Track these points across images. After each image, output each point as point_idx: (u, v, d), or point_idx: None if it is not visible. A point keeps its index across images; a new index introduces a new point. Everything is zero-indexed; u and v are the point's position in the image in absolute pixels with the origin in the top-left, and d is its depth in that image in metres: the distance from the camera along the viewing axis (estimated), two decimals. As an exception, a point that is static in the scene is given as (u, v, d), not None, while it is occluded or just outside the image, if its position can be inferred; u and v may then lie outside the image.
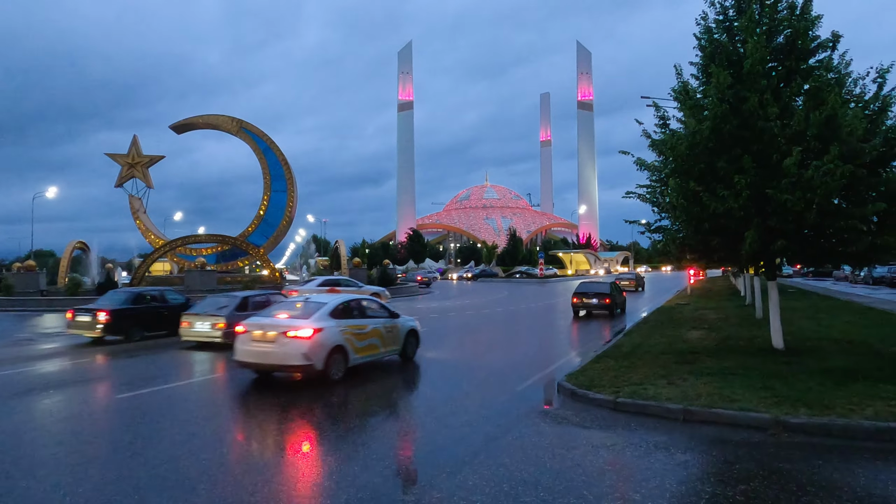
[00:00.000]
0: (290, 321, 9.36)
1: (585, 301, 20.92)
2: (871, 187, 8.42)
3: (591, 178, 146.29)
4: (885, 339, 11.73)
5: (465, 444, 6.06)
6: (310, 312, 9.60)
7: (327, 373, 9.09)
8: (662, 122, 10.31)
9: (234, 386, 9.47)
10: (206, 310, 13.94)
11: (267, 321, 9.57)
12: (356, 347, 9.84)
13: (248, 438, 6.59)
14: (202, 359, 12.04)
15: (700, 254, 11.15)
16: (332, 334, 9.37)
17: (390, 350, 10.92)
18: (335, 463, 5.53)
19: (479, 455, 5.64)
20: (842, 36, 8.99)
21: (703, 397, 7.03)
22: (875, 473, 4.97)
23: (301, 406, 7.85)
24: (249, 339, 9.28)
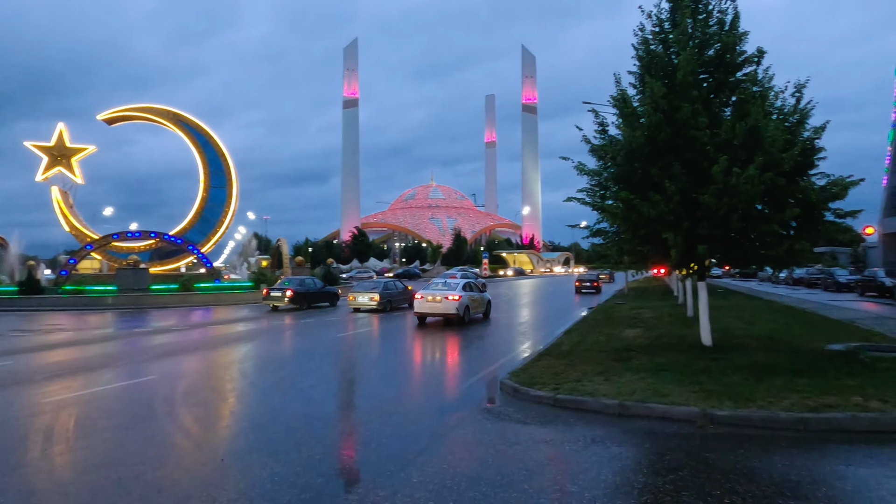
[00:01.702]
0: (446, 291, 18.41)
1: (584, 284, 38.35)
2: (789, 194, 9.01)
3: (534, 180, 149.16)
4: (801, 336, 12.57)
5: (410, 441, 6.11)
6: (454, 287, 18.86)
7: (464, 319, 18.14)
8: (602, 128, 10.68)
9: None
10: (363, 289, 24.07)
11: (432, 292, 18.58)
12: (472, 307, 18.94)
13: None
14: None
15: (636, 256, 11.63)
16: (464, 299, 18.31)
17: (480, 311, 19.94)
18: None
19: (422, 453, 5.70)
20: (766, 52, 9.58)
21: (637, 393, 7.35)
22: (791, 460, 5.35)
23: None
24: (423, 300, 18.40)
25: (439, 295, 18.18)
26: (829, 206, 9.36)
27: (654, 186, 9.26)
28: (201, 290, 29.99)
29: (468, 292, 18.90)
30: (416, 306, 18.67)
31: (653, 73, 9.82)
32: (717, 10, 9.88)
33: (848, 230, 40.48)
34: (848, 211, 9.72)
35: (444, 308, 17.97)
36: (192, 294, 29.09)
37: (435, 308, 18.22)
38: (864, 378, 7.67)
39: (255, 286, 31.42)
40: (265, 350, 13.67)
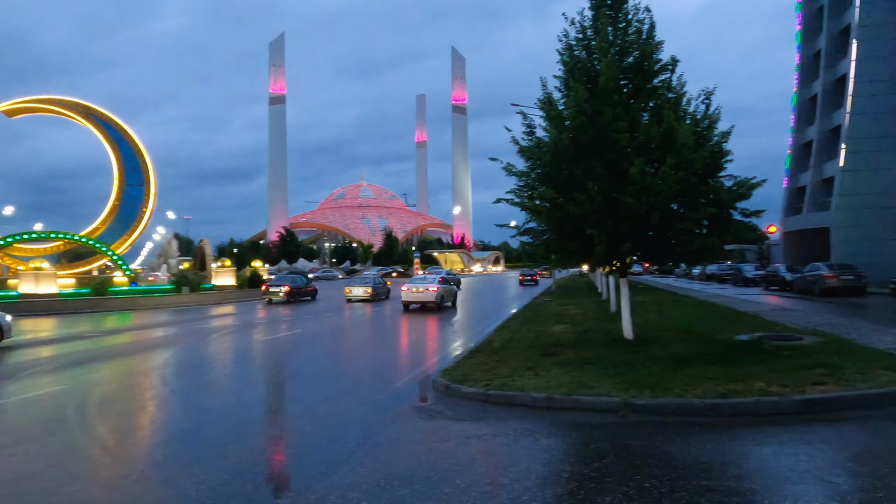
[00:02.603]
0: (427, 284, 23.67)
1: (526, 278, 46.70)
2: (701, 194, 9.61)
3: (464, 180, 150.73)
4: (713, 328, 13.40)
5: (343, 442, 6.05)
6: (433, 280, 24.32)
7: (440, 305, 23.12)
8: (529, 129, 10.97)
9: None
10: (358, 283, 30.19)
11: (415, 284, 24.06)
12: (445, 297, 24.01)
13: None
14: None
15: (563, 254, 12.01)
16: (441, 290, 23.37)
17: (450, 300, 25.08)
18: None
19: (355, 453, 5.67)
20: (679, 61, 10.17)
21: (564, 386, 7.61)
22: (703, 443, 5.71)
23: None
24: (409, 292, 23.58)
25: (422, 287, 23.90)
26: (736, 205, 10.04)
27: (579, 186, 9.61)
28: (116, 295, 28.33)
29: (443, 285, 24.44)
30: (403, 296, 24.15)
31: (576, 78, 10.19)
32: (635, 20, 10.38)
33: (754, 229, 43.44)
34: (753, 210, 10.47)
35: (426, 297, 23.56)
36: (106, 298, 27.43)
37: (418, 297, 23.73)
38: (768, 365, 8.30)
39: (177, 289, 30.02)
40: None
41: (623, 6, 10.59)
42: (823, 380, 7.27)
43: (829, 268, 27.29)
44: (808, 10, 48.47)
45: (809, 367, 7.94)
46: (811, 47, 47.92)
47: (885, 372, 7.61)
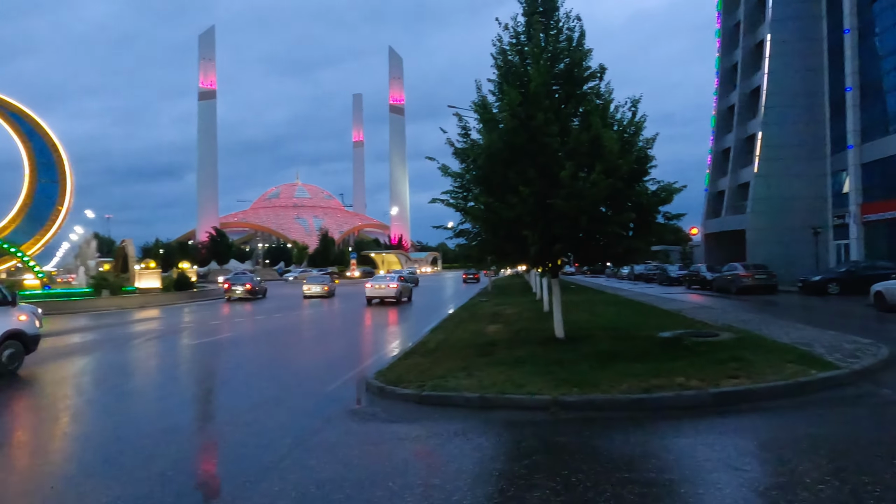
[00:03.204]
0: (388, 282, 27.89)
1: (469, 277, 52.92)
2: (627, 199, 10.00)
3: (402, 181, 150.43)
4: (638, 325, 13.99)
5: (273, 448, 5.90)
6: (393, 278, 29.10)
7: (400, 300, 27.20)
8: (465, 132, 11.07)
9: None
10: (316, 282, 33.38)
11: (378, 282, 28.33)
12: (403, 293, 27.98)
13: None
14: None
15: (497, 255, 12.19)
16: (401, 287, 27.62)
17: (407, 296, 28.70)
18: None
19: (284, 459, 5.54)
20: (607, 69, 10.56)
21: (497, 385, 7.73)
22: (628, 437, 5.95)
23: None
24: (373, 288, 27.20)
25: (383, 284, 28.06)
26: (659, 209, 10.52)
27: (513, 189, 9.79)
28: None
29: (402, 283, 28.88)
30: (367, 292, 27.59)
31: (510, 82, 10.37)
32: (566, 28, 10.68)
33: (678, 231, 45.66)
34: (675, 214, 11.01)
35: (387, 293, 27.27)
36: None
37: (380, 293, 27.33)
38: (687, 361, 8.74)
39: (96, 292, 28.36)
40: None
41: (555, 14, 10.88)
42: (737, 373, 7.73)
43: (744, 268, 29.06)
44: (727, 24, 51.46)
45: (725, 362, 8.42)
46: (729, 60, 50.91)
47: (791, 365, 8.18)
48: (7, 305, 10.64)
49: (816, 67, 41.21)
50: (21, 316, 10.80)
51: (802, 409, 6.73)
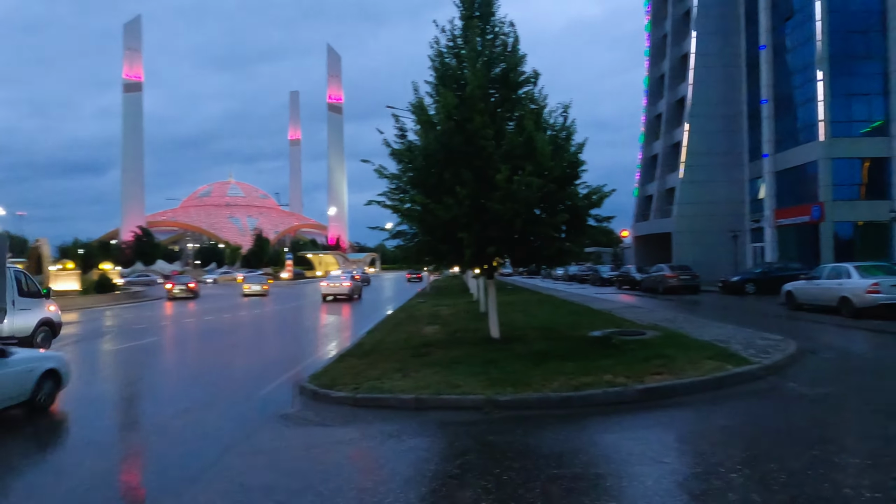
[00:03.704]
0: (341, 281, 31.46)
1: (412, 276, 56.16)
2: (559, 201, 10.28)
3: (340, 181, 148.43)
4: (571, 325, 14.40)
5: (200, 456, 5.69)
6: (347, 278, 32.32)
7: (353, 298, 30.81)
8: (402, 133, 11.06)
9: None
10: (255, 282, 38.96)
11: (333, 280, 31.90)
12: (356, 291, 32.39)
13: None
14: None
15: (434, 257, 12.24)
16: (354, 285, 31.73)
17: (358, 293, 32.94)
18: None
19: (212, 467, 5.36)
20: (540, 74, 10.82)
21: (432, 386, 7.77)
22: (558, 434, 6.12)
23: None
24: (328, 286, 30.75)
25: (337, 283, 31.45)
26: (590, 212, 10.87)
27: (449, 191, 9.86)
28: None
29: (354, 282, 32.77)
30: (323, 290, 31.10)
31: (447, 85, 10.46)
32: (501, 33, 10.87)
33: (609, 233, 46.85)
34: (605, 217, 11.40)
35: (340, 290, 30.59)
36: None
37: (335, 290, 30.62)
38: (616, 359, 9.07)
39: (5, 295, 26.36)
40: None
41: (491, 19, 11.04)
42: (660, 370, 8.10)
43: (670, 269, 30.46)
44: (655, 36, 53.84)
45: (650, 359, 8.81)
46: (657, 70, 53.27)
47: (709, 361, 8.65)
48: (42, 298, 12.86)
49: (736, 80, 43.79)
50: (51, 307, 13.13)
51: (719, 402, 7.13)
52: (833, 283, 16.80)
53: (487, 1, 10.94)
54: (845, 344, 11.73)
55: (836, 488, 4.30)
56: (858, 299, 15.51)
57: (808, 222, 34.48)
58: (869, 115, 34.44)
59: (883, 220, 29.91)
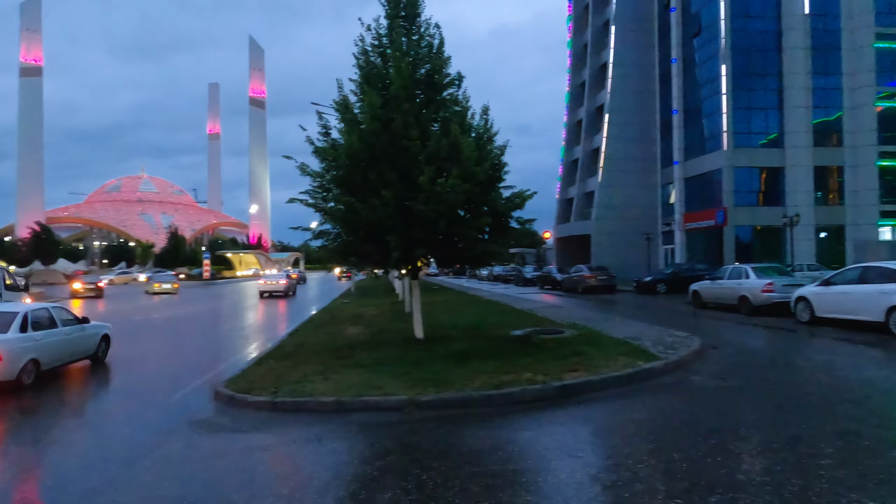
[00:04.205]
0: (278, 279, 34.46)
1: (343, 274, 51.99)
2: (483, 203, 10.46)
3: (263, 178, 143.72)
4: (494, 325, 14.67)
5: (103, 469, 5.33)
6: (282, 276, 35.45)
7: (289, 294, 33.46)
8: (325, 130, 10.88)
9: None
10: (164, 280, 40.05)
11: (270, 279, 35.51)
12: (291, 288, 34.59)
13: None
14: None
15: (358, 257, 12.11)
16: (290, 283, 34.30)
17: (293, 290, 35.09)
18: None
19: (115, 480, 5.04)
20: (465, 77, 10.96)
21: (354, 388, 7.68)
22: (478, 432, 6.21)
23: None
24: (266, 284, 33.76)
25: (274, 281, 34.28)
26: (512, 214, 11.12)
27: (373, 191, 9.79)
28: None
29: (290, 280, 34.89)
30: (260, 287, 33.62)
31: (371, 84, 10.38)
32: (427, 34, 10.92)
33: (533, 234, 48.31)
34: (527, 219, 11.71)
35: (277, 288, 33.11)
36: None
37: (271, 288, 33.17)
38: (535, 357, 9.34)
39: None
40: None
41: (416, 19, 11.07)
42: (577, 367, 8.41)
43: (589, 269, 31.69)
44: (577, 45, 55.86)
45: (567, 357, 9.13)
46: (578, 78, 55.29)
47: (623, 357, 9.08)
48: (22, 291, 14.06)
49: (650, 90, 46.21)
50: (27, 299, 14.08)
51: (629, 397, 7.49)
52: (733, 283, 18.07)
53: (413, 2, 10.95)
54: (743, 339, 12.64)
55: (731, 474, 4.62)
56: (755, 298, 16.76)
57: (713, 226, 36.91)
58: (766, 128, 37.33)
59: (777, 224, 32.47)
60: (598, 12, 51.56)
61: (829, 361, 9.67)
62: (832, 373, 8.76)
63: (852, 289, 12.95)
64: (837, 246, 36.10)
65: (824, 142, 36.93)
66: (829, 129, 37.09)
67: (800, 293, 14.61)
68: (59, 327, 10.19)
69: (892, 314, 11.56)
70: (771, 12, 37.20)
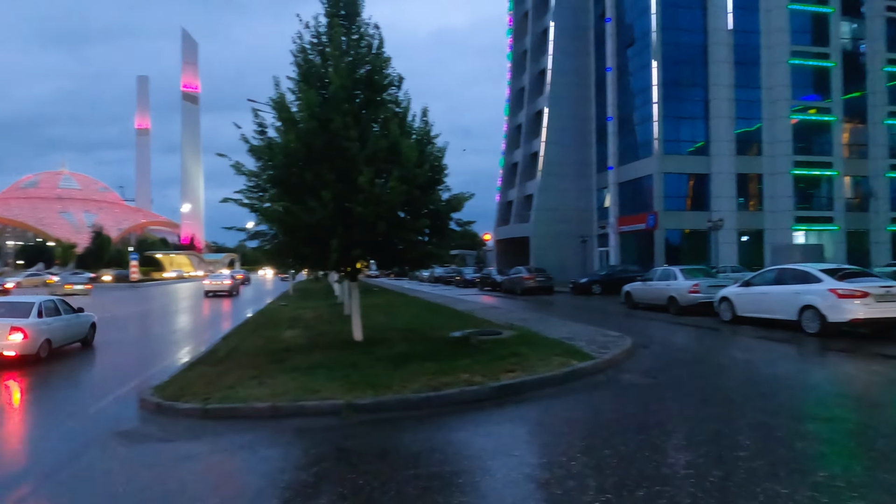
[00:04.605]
0: (223, 279, 37.63)
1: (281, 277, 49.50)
2: (423, 205, 10.46)
3: (196, 175, 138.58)
4: (434, 326, 14.70)
5: (9, 488, 4.98)
6: (227, 277, 38.69)
7: (233, 293, 36.69)
8: (261, 128, 10.59)
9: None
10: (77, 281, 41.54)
11: (215, 279, 38.24)
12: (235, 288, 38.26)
13: None
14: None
15: (296, 259, 11.86)
16: (234, 283, 38.17)
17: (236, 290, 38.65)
18: None
19: (26, 500, 4.72)
20: (405, 78, 10.96)
21: (289, 392, 7.51)
22: (416, 435, 6.21)
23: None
24: (211, 283, 36.81)
25: (219, 281, 37.08)
26: (452, 216, 11.18)
27: (311, 192, 9.62)
28: None
29: (235, 280, 37.80)
30: (206, 287, 36.28)
31: (310, 83, 10.20)
32: (367, 34, 10.84)
33: (474, 236, 49.01)
34: (466, 221, 11.82)
35: (222, 287, 35.84)
36: None
37: (218, 287, 35.90)
38: (473, 358, 9.42)
39: None
40: None
41: (356, 19, 10.98)
42: (514, 368, 8.55)
43: (527, 271, 32.31)
44: (517, 51, 56.88)
45: (505, 358, 9.26)
46: (518, 83, 56.31)
47: (558, 357, 9.30)
48: None
49: (587, 97, 47.69)
50: None
51: (563, 396, 7.68)
52: (662, 284, 18.88)
53: (353, 1, 10.86)
54: (671, 338, 13.23)
55: (658, 468, 4.82)
56: (682, 298, 17.57)
57: (645, 229, 38.44)
58: (693, 137, 39.26)
59: (703, 228, 34.20)
60: (537, 19, 52.70)
61: (747, 358, 10.26)
62: (750, 369, 9.30)
63: (769, 289, 13.79)
64: (757, 249, 38.38)
65: (745, 151, 39.23)
66: (750, 139, 39.43)
67: (723, 294, 15.42)
68: (62, 315, 12.58)
69: (804, 313, 12.39)
70: (698, 27, 39.17)
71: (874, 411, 6.59)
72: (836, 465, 4.92)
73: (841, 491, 4.25)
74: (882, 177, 40.45)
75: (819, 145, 39.33)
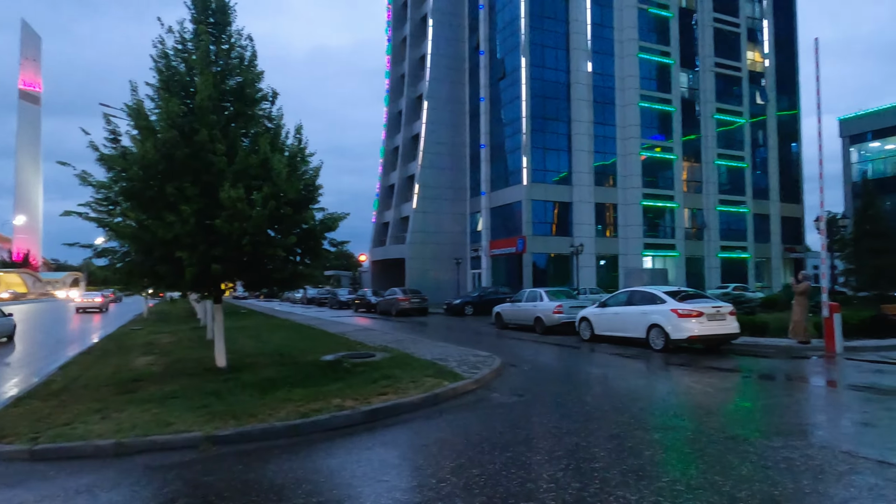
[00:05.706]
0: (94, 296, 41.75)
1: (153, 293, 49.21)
2: (294, 224, 10.14)
3: (34, 185, 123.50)
4: (304, 350, 14.20)
5: None
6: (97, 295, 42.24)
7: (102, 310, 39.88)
8: (114, 136, 9.69)
9: None
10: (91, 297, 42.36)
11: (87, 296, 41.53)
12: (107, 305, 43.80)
13: None
14: None
15: (150, 279, 10.89)
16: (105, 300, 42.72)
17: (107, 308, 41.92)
18: None
19: None
20: (279, 94, 10.63)
21: (138, 427, 6.82)
22: (282, 465, 5.90)
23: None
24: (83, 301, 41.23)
25: (91, 298, 40.15)
26: (326, 236, 10.94)
27: (170, 206, 8.94)
28: None
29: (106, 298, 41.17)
30: (77, 304, 39.67)
31: (172, 91, 9.56)
32: (238, 45, 10.40)
33: (349, 256, 48.57)
34: (340, 241, 11.62)
35: (94, 305, 39.34)
36: None
37: (89, 304, 39.32)
38: (345, 382, 9.22)
39: None
40: None
41: (227, 28, 10.50)
42: (386, 391, 8.48)
43: (402, 292, 32.44)
44: (395, 74, 57.70)
45: (377, 381, 9.16)
46: (396, 106, 57.05)
47: (429, 378, 9.38)
48: None
49: (462, 125, 49.49)
50: None
51: (435, 417, 7.73)
52: (530, 305, 19.88)
53: (223, 9, 10.40)
54: (537, 357, 13.90)
55: (523, 483, 4.99)
56: (547, 318, 18.60)
57: (515, 253, 40.38)
58: (558, 167, 42.16)
59: (566, 252, 36.68)
60: (414, 46, 53.95)
61: (603, 374, 11.05)
62: (606, 384, 10.02)
63: (622, 310, 15.04)
64: (613, 272, 41.88)
65: (603, 182, 42.87)
66: (607, 171, 43.20)
67: (582, 314, 16.55)
68: None
69: (651, 331, 13.65)
70: (562, 66, 42.47)
71: (707, 419, 7.37)
72: (677, 470, 5.41)
73: (681, 493, 4.67)
74: (713, 210, 46.10)
75: (663, 180, 44.06)
